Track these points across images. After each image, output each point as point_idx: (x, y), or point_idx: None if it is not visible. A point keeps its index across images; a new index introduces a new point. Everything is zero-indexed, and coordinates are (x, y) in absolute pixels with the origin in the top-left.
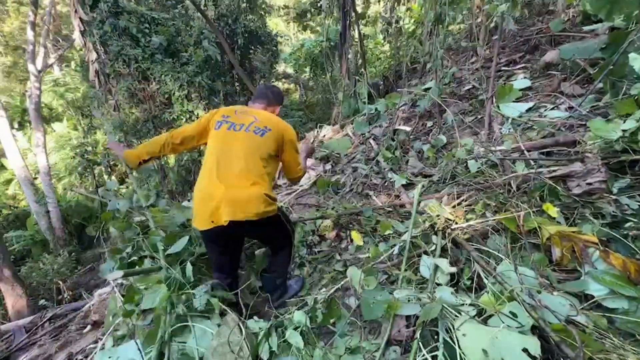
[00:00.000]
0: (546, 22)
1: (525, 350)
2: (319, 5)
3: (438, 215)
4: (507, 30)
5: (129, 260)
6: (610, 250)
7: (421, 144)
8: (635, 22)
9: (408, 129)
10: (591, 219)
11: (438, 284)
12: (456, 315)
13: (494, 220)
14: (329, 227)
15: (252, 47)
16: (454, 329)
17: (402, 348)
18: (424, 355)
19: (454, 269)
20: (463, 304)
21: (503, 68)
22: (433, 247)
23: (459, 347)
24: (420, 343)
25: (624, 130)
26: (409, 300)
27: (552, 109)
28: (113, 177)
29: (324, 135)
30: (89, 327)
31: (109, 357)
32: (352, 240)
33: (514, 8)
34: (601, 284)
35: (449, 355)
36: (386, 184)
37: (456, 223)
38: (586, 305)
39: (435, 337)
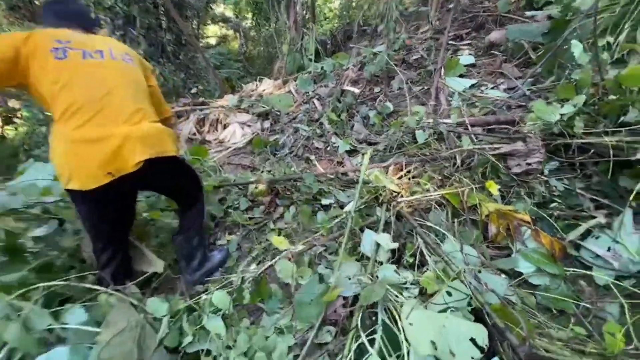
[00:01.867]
0: (493, 2)
1: (472, 339)
2: None
3: (384, 187)
4: (459, 2)
5: None
6: (539, 230)
7: (367, 110)
8: (572, 13)
9: (357, 90)
10: (525, 197)
11: (380, 263)
12: (397, 296)
13: (438, 194)
14: (263, 191)
15: None
16: (396, 311)
17: (338, 328)
18: (361, 339)
19: (395, 245)
20: (405, 282)
21: (450, 42)
22: (375, 219)
23: (406, 338)
24: (360, 328)
25: (562, 114)
26: (348, 279)
27: (493, 88)
28: None
29: (264, 90)
30: None
31: None
32: (288, 207)
33: None
34: (529, 262)
35: (388, 338)
36: (329, 148)
37: (401, 196)
38: (514, 282)
39: (374, 318)
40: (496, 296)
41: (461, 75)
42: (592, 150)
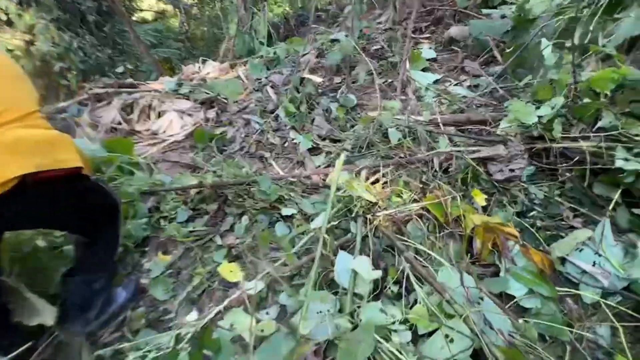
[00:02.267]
0: None
1: None
2: None
3: (359, 197)
4: None
5: None
6: (528, 244)
7: (329, 102)
8: (525, 14)
9: (319, 80)
10: (508, 206)
11: (359, 298)
12: (380, 342)
13: (420, 205)
14: (208, 197)
15: None
16: None
17: None
18: None
19: (378, 274)
20: (394, 322)
21: (410, 34)
22: (350, 237)
23: None
24: None
25: (539, 117)
26: (321, 322)
27: (456, 84)
28: None
29: (208, 73)
30: None
31: None
32: (240, 217)
33: None
34: (521, 283)
35: None
36: (286, 144)
37: (379, 207)
38: (508, 307)
39: None
40: (501, 336)
41: (424, 70)
42: (568, 155)
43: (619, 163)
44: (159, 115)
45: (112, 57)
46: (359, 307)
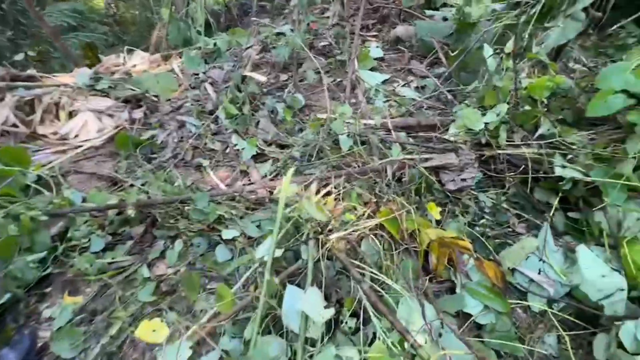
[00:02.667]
0: None
1: None
2: None
3: (308, 219)
4: None
5: None
6: (481, 257)
7: (275, 102)
8: (465, 18)
9: (263, 78)
10: (461, 217)
11: (312, 345)
12: None
13: (375, 222)
14: (133, 219)
15: None
16: None
17: None
18: None
19: (331, 312)
20: None
21: (357, 32)
22: (301, 263)
23: None
24: None
25: (486, 123)
26: None
27: (404, 85)
28: None
29: (135, 66)
30: None
31: None
32: (173, 242)
33: None
34: (477, 299)
35: None
36: (228, 150)
37: (332, 228)
38: (465, 327)
39: None
40: None
41: (372, 69)
42: (513, 162)
43: (557, 170)
44: (70, 115)
45: (14, 40)
46: (310, 357)
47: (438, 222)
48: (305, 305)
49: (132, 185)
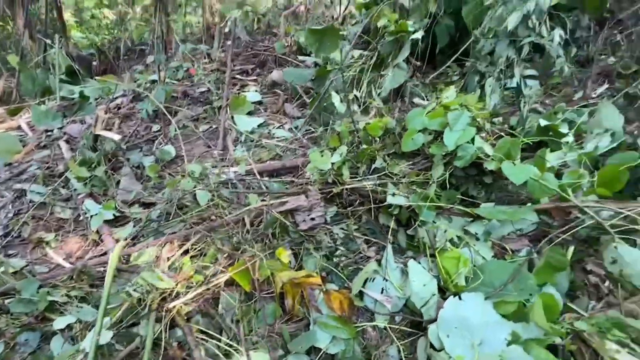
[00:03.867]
0: (273, 42)
1: None
2: None
3: (149, 291)
4: (240, 38)
5: None
6: (331, 290)
7: (142, 156)
8: (334, 63)
9: (117, 137)
10: (313, 253)
11: None
12: None
13: (225, 278)
14: None
15: None
16: None
17: None
18: None
19: None
20: None
21: (237, 76)
22: (140, 341)
23: None
24: None
25: (332, 163)
26: None
27: (279, 127)
28: None
29: None
30: None
31: None
32: None
33: (246, 18)
34: (326, 331)
35: None
36: (81, 217)
37: (177, 295)
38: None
39: None
40: None
41: (250, 113)
42: (360, 194)
43: (388, 199)
44: None
45: None
46: None
47: (297, 259)
48: None
49: None
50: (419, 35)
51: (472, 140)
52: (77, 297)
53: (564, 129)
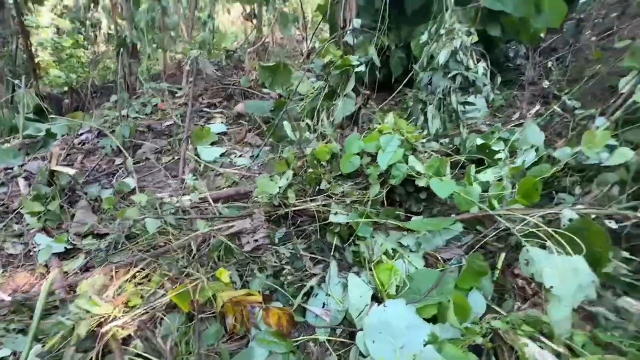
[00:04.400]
0: (240, 76)
1: None
2: None
3: (82, 318)
4: (207, 74)
5: None
6: (270, 307)
7: (100, 189)
8: (289, 96)
9: (72, 171)
10: (257, 274)
11: None
12: None
13: (165, 301)
14: None
15: None
16: None
17: None
18: None
19: None
20: None
21: (205, 109)
22: None
23: None
24: None
25: (280, 187)
26: None
27: (240, 156)
28: None
29: None
30: None
31: None
32: None
33: (209, 55)
34: (262, 347)
35: None
36: (32, 252)
37: (113, 319)
38: None
39: None
40: None
41: (214, 143)
42: (308, 214)
43: (331, 217)
44: None
45: None
46: None
47: (242, 280)
48: None
49: None
50: (362, 68)
51: (406, 160)
52: (16, 330)
53: (497, 146)
